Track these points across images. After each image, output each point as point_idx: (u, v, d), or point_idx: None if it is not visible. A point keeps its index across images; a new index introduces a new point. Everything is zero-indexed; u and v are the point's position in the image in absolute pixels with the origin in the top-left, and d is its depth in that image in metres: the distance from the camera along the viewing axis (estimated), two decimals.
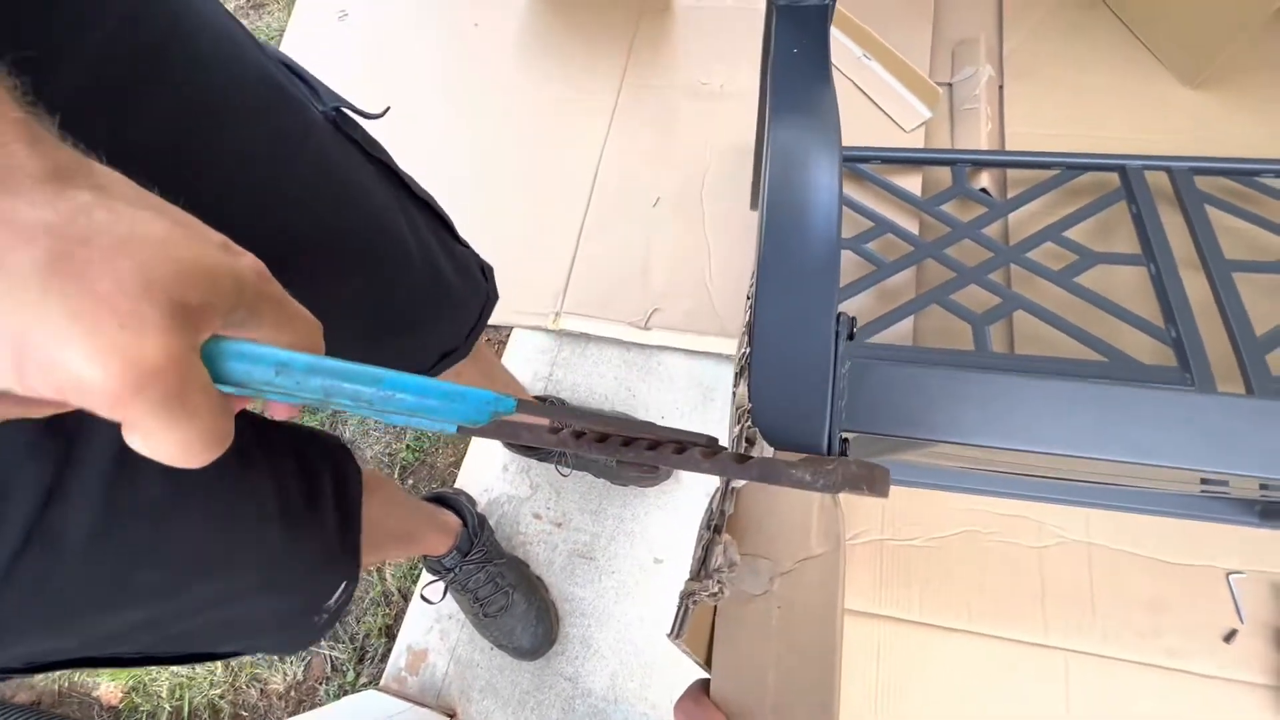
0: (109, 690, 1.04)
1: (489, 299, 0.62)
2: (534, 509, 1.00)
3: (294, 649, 0.54)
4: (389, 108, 0.49)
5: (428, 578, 0.94)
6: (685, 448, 0.26)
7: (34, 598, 0.32)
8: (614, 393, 1.03)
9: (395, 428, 1.12)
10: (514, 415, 0.24)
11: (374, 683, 0.95)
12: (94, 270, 0.16)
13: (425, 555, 0.88)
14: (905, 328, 0.87)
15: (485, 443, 1.05)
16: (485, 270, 0.62)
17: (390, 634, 0.98)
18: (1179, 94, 0.99)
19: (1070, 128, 0.99)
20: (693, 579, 0.30)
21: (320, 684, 0.98)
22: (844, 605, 0.29)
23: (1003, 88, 1.04)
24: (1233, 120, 0.95)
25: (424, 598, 0.93)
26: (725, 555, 0.29)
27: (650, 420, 1.00)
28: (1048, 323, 0.75)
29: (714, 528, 0.31)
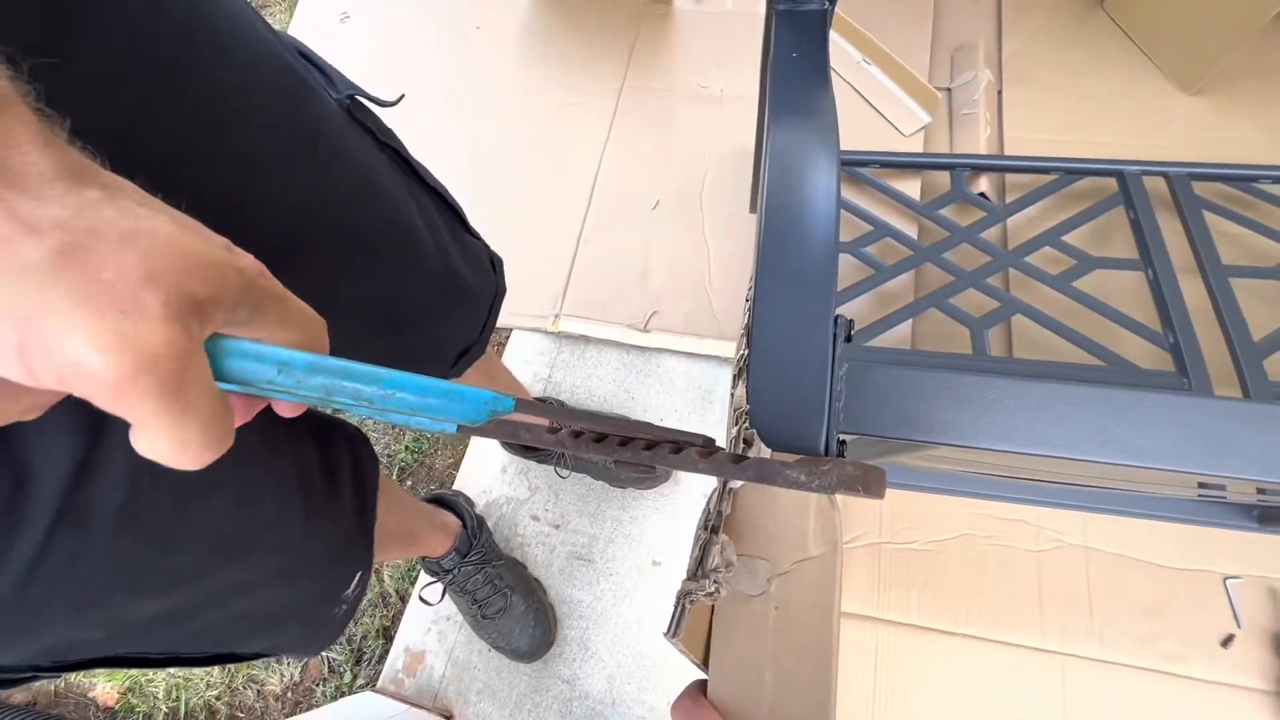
0: (105, 691, 1.04)
1: (498, 291, 0.62)
2: (532, 511, 1.00)
3: (316, 646, 0.53)
4: (403, 95, 0.49)
5: (426, 579, 0.93)
6: (682, 448, 0.26)
7: (64, 578, 0.32)
8: (613, 395, 1.03)
9: (394, 428, 1.12)
10: (513, 415, 0.24)
11: (371, 684, 0.94)
12: (100, 260, 0.17)
13: (424, 557, 0.88)
14: (904, 331, 0.87)
15: (484, 444, 1.05)
16: (495, 262, 0.62)
17: (388, 635, 0.97)
18: (1177, 100, 0.99)
19: (1069, 133, 0.99)
20: (690, 579, 0.30)
21: (317, 685, 0.98)
22: (841, 607, 0.29)
23: (1001, 93, 1.04)
24: (1230, 126, 0.96)
25: (422, 599, 0.93)
26: (722, 556, 0.29)
27: (649, 421, 1.01)
28: (1046, 327, 0.75)
29: (711, 528, 0.31)
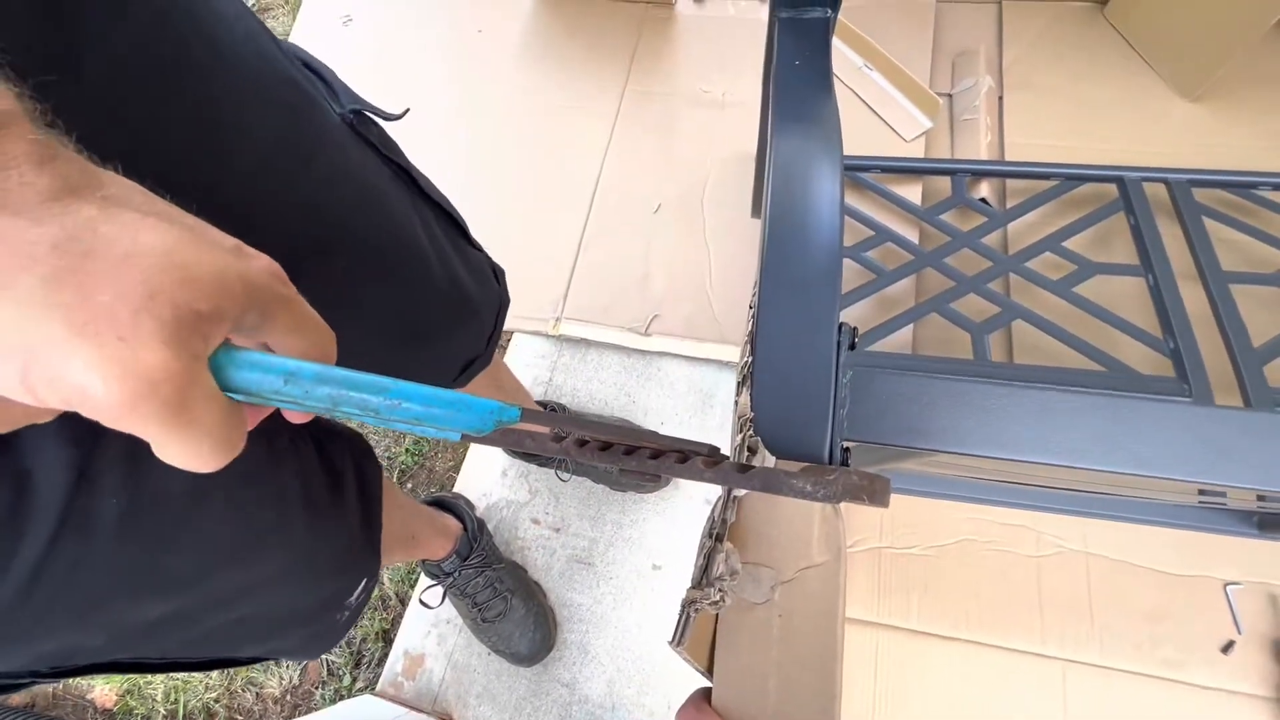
0: (103, 693, 1.04)
1: (503, 303, 0.62)
2: (532, 514, 1.00)
3: (316, 650, 0.53)
4: (408, 109, 0.49)
5: (426, 582, 0.93)
6: (688, 457, 0.26)
7: (66, 585, 0.32)
8: (614, 398, 1.03)
9: (395, 431, 1.12)
10: (517, 424, 0.24)
11: (370, 687, 0.94)
12: (96, 283, 0.16)
13: (424, 560, 0.88)
14: (904, 336, 0.87)
15: (484, 447, 1.05)
16: (498, 273, 0.62)
17: (387, 638, 0.97)
18: (1177, 107, 0.99)
19: (1069, 139, 0.99)
20: (694, 587, 0.30)
21: (316, 688, 0.98)
22: (845, 614, 0.29)
23: (1002, 98, 1.05)
24: (1230, 133, 0.96)
25: (422, 602, 0.93)
26: (727, 564, 0.29)
27: (650, 426, 1.01)
28: (1046, 332, 0.75)
29: (716, 536, 0.31)
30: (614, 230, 1.09)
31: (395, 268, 0.47)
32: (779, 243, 0.36)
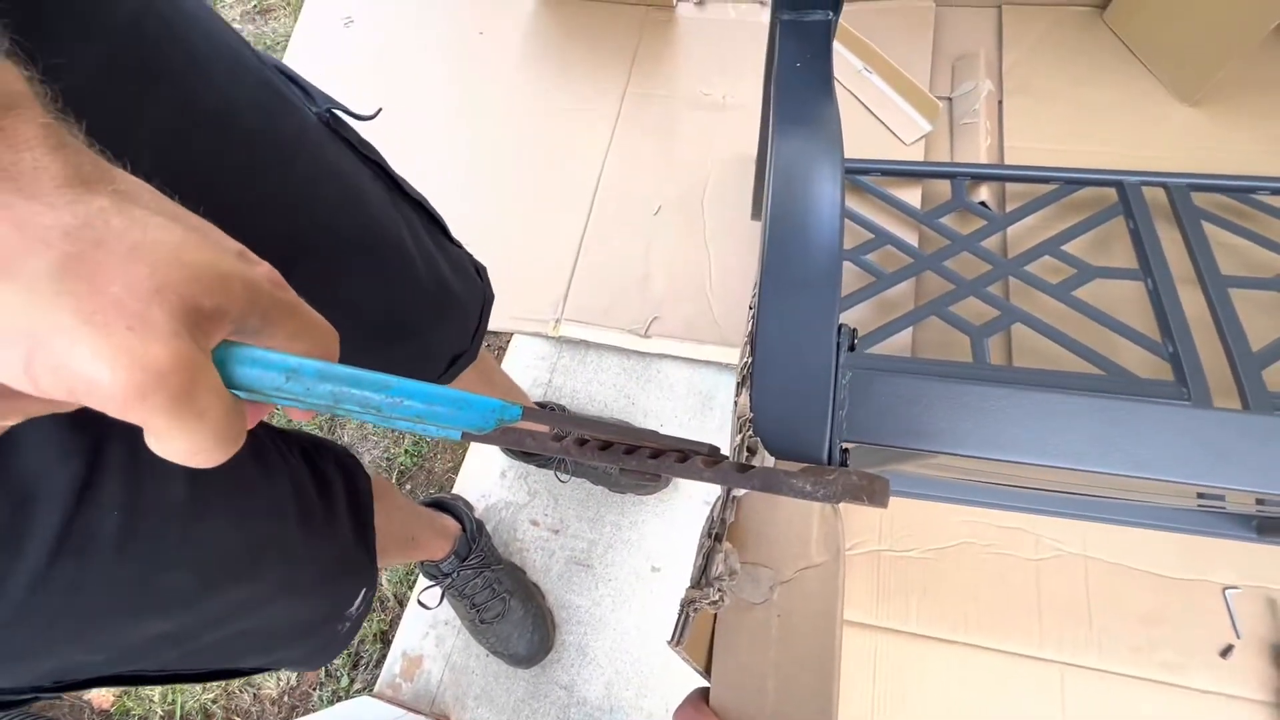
0: (100, 694, 1.03)
1: (487, 298, 0.62)
2: (531, 515, 1.00)
3: (319, 661, 0.53)
4: (380, 109, 0.49)
5: (424, 583, 0.93)
6: (687, 456, 0.26)
7: (66, 603, 0.32)
8: (613, 400, 1.03)
9: (394, 432, 1.12)
10: (519, 423, 0.24)
11: (368, 689, 0.94)
12: (106, 273, 0.16)
13: (422, 561, 0.88)
14: (904, 339, 0.87)
15: (483, 448, 1.05)
16: (480, 270, 0.62)
17: (385, 640, 0.97)
18: (1176, 111, 1.00)
19: (1069, 143, 1.00)
20: (693, 587, 0.30)
21: (314, 689, 0.98)
22: (843, 615, 0.29)
23: (1002, 102, 1.05)
24: (1229, 138, 0.96)
25: (421, 603, 0.93)
26: (726, 563, 0.29)
27: (649, 427, 1.01)
28: (1046, 336, 0.76)
29: (715, 536, 0.31)
30: (614, 232, 1.09)
31: (380, 264, 0.47)
32: (780, 245, 0.36)
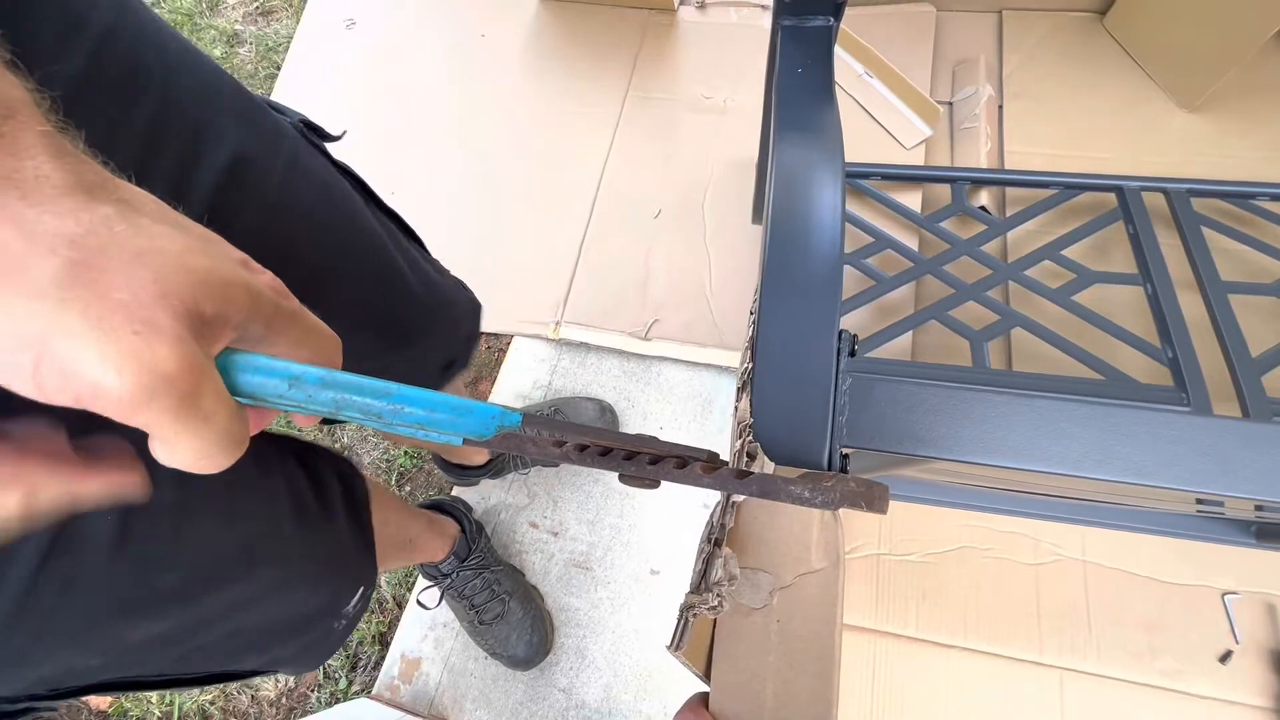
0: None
1: (475, 305, 0.63)
2: (531, 518, 1.00)
3: (315, 660, 0.53)
4: (345, 131, 0.50)
5: (423, 583, 0.93)
6: (687, 463, 0.26)
7: (60, 604, 0.32)
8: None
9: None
10: (517, 429, 0.24)
11: (366, 690, 0.94)
12: (111, 279, 0.17)
13: (422, 562, 0.88)
14: (904, 343, 0.87)
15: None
16: (460, 281, 0.63)
17: (384, 641, 0.97)
18: (1176, 117, 1.00)
19: (1068, 148, 1.00)
20: (693, 592, 0.30)
21: (312, 691, 0.98)
22: (842, 620, 0.29)
23: (1002, 107, 1.05)
24: (1229, 144, 0.97)
25: (420, 603, 0.93)
26: (725, 569, 0.29)
27: (649, 430, 1.01)
28: (1045, 340, 0.76)
29: (714, 541, 0.31)
30: (614, 235, 1.09)
31: (369, 270, 0.47)
32: (780, 250, 0.36)
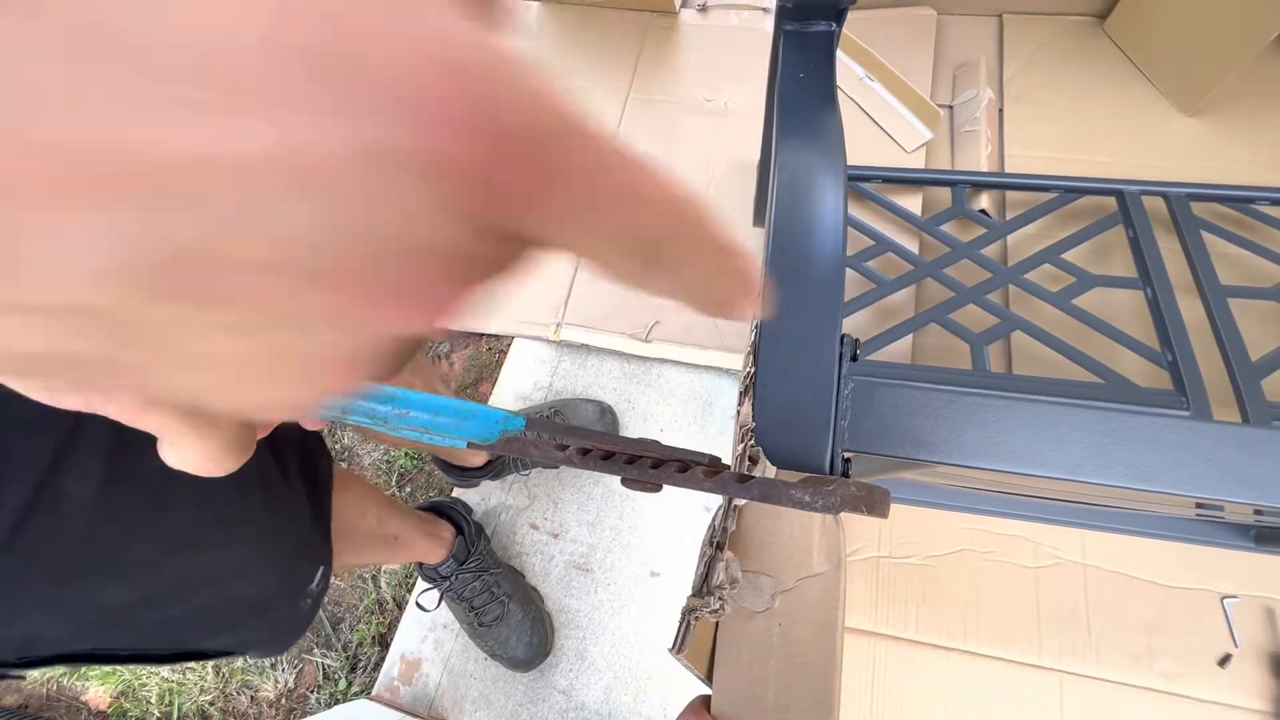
0: (97, 695, 1.03)
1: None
2: (531, 519, 1.00)
3: (283, 640, 0.54)
4: None
5: (423, 585, 0.93)
6: (688, 466, 0.26)
7: (36, 557, 0.34)
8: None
9: None
10: (521, 433, 0.24)
11: (366, 692, 0.94)
12: None
13: (421, 564, 0.88)
14: (904, 345, 0.88)
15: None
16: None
17: (384, 643, 0.97)
18: (1176, 121, 1.00)
19: (1069, 152, 1.00)
20: (695, 595, 0.30)
21: (311, 692, 0.98)
22: (844, 624, 0.29)
23: (1003, 111, 1.05)
24: (1229, 148, 0.97)
25: (419, 605, 0.93)
26: (727, 572, 0.30)
27: (649, 432, 1.01)
28: (1045, 344, 0.76)
29: (716, 544, 0.31)
30: None
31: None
32: (783, 253, 0.36)
